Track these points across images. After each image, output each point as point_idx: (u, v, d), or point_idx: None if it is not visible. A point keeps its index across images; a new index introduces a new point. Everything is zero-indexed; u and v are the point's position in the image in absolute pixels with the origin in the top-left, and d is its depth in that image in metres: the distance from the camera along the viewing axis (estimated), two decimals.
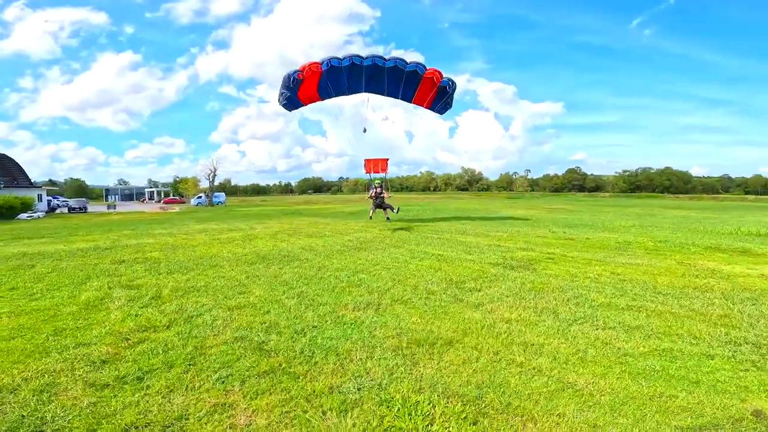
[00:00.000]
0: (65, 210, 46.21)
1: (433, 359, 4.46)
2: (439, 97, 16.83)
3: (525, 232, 16.11)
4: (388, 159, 17.30)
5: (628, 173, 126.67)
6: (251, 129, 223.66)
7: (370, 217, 17.41)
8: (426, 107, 17.47)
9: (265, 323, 5.84)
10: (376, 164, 16.81)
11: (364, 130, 15.74)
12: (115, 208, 44.61)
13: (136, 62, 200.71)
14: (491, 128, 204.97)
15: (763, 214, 30.39)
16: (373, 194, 15.98)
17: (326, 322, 5.87)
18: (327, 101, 17.05)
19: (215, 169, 67.72)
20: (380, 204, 15.99)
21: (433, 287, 7.79)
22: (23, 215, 34.25)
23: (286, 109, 17.46)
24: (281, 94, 16.36)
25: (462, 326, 5.59)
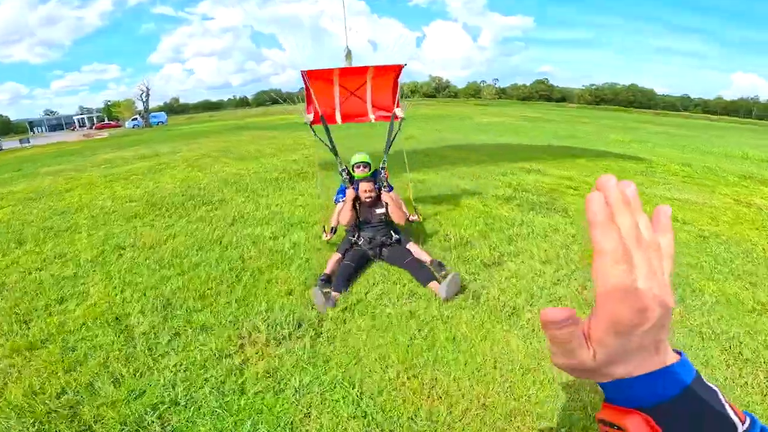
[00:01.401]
0: None
1: None
2: None
3: (521, 145, 12.84)
4: (399, 70, 4.99)
5: (594, 87, 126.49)
6: (196, 47, 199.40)
7: (327, 239, 4.98)
8: None
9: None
10: (355, 102, 5.38)
11: (347, 54, 5.05)
12: (29, 142, 38.08)
13: None
14: (459, 39, 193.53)
15: (740, 135, 27.94)
16: (350, 218, 4.52)
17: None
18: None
19: (147, 89, 63.06)
20: (381, 241, 4.53)
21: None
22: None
23: None
24: None
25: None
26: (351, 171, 5.05)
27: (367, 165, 5.16)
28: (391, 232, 4.57)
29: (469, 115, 29.14)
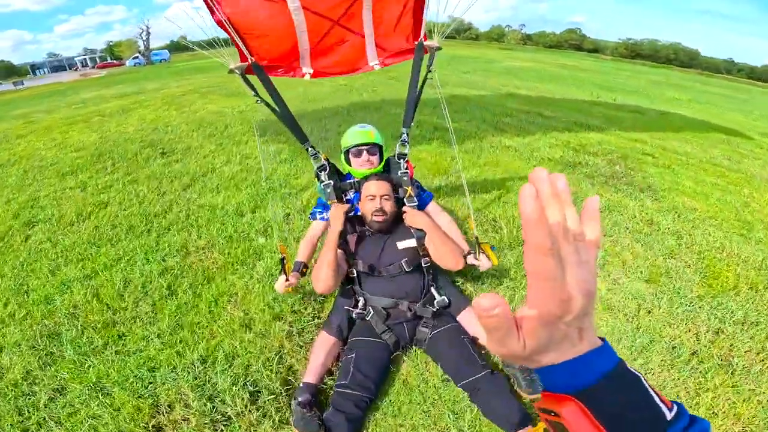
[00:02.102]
0: None
1: None
2: None
3: (569, 98, 10.61)
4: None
5: (632, 41, 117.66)
6: None
7: (287, 287, 2.47)
8: None
9: None
10: (338, 35, 2.75)
11: None
12: (23, 84, 36.42)
13: None
14: None
15: None
16: (333, 279, 2.19)
17: None
18: None
19: (147, 28, 62.60)
20: (413, 313, 2.26)
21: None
22: None
23: None
24: None
25: None
26: (342, 162, 2.63)
27: (375, 148, 2.52)
28: (432, 290, 2.31)
29: (495, 58, 25.93)
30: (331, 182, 2.40)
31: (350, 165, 2.55)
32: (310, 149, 2.41)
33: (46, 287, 2.91)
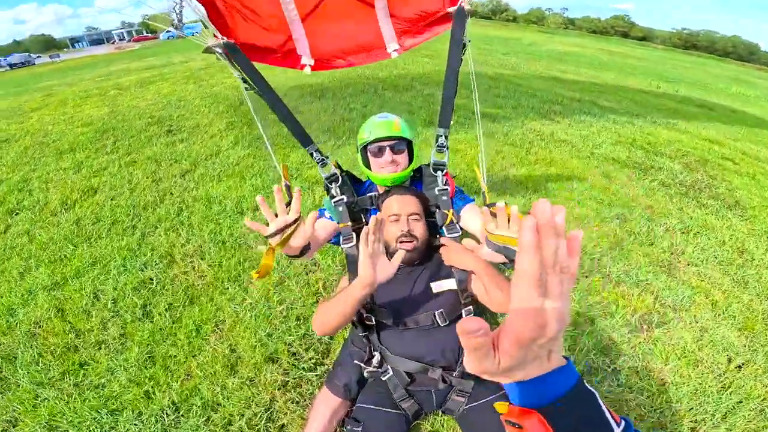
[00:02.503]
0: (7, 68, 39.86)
1: None
2: None
3: (624, 86, 9.46)
4: None
5: (687, 32, 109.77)
6: None
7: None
8: None
9: None
10: (341, 10, 1.96)
11: None
12: (59, 57, 37.65)
13: None
14: None
15: None
16: (337, 323, 1.48)
17: None
18: None
19: (180, 2, 64.09)
20: (443, 378, 1.58)
21: None
22: None
23: None
24: None
25: None
26: (360, 164, 1.82)
27: (402, 144, 1.75)
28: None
29: (536, 41, 24.21)
30: (344, 198, 1.67)
31: (369, 168, 1.77)
32: (315, 154, 1.69)
33: (11, 294, 2.50)
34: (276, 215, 1.25)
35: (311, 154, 1.71)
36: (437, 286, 1.63)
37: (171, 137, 4.74)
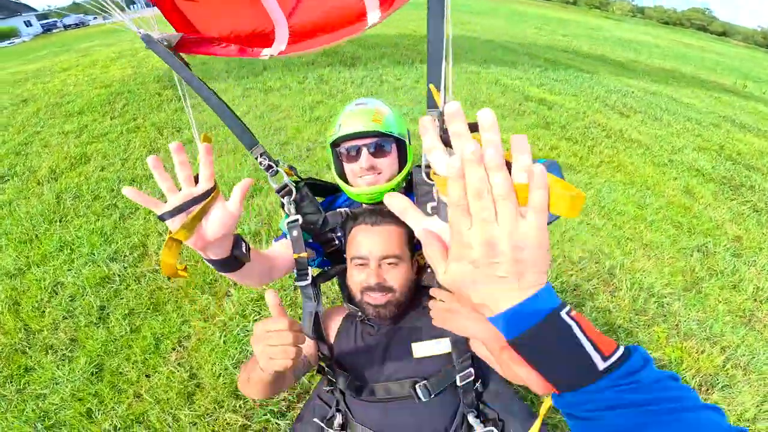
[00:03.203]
0: (62, 29, 41.83)
1: None
2: None
3: (705, 79, 8.21)
4: None
5: None
6: None
7: None
8: None
9: None
10: None
11: None
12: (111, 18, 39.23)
13: None
14: None
15: None
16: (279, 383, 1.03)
17: None
18: None
19: None
20: None
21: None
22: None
23: None
24: None
25: None
26: (335, 167, 1.19)
27: (386, 142, 1.13)
28: (470, 418, 1.13)
29: (602, 26, 22.13)
30: (298, 219, 1.08)
31: (343, 177, 1.19)
32: (260, 159, 1.07)
33: None
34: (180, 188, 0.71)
35: (256, 158, 1.09)
36: (420, 349, 1.14)
37: (181, 103, 4.36)
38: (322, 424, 1.19)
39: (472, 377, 1.16)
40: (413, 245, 1.17)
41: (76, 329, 1.92)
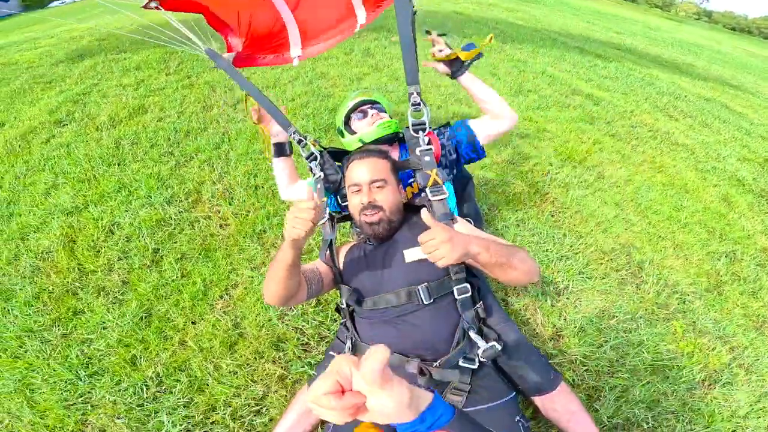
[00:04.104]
0: None
1: None
2: None
3: (760, 90, 7.79)
4: None
5: None
6: None
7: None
8: None
9: None
10: None
11: None
12: None
13: None
14: None
15: None
16: (289, 291, 1.30)
17: None
18: None
19: None
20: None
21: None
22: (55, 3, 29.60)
23: None
24: None
25: None
26: (342, 133, 1.83)
27: (383, 107, 1.79)
28: (472, 333, 1.29)
29: (660, 26, 20.99)
30: (321, 176, 1.57)
31: (347, 137, 1.80)
32: (293, 135, 1.61)
33: (30, 214, 2.40)
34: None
35: (290, 135, 1.63)
36: (410, 255, 1.37)
37: None
38: (335, 354, 1.35)
39: (469, 293, 1.34)
40: (398, 174, 1.51)
41: (130, 271, 2.03)
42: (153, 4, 1.59)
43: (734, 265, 2.40)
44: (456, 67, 1.60)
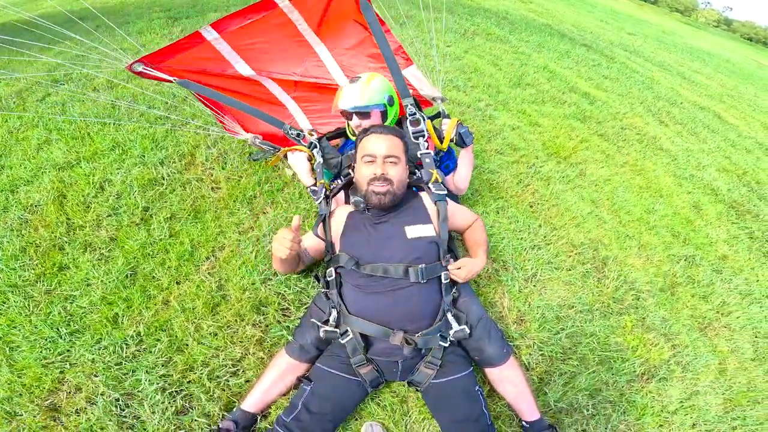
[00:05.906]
0: None
1: None
2: None
3: (756, 103, 7.85)
4: None
5: None
6: None
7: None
8: None
9: None
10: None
11: None
12: None
13: None
14: None
15: None
16: (292, 261, 1.64)
17: None
18: None
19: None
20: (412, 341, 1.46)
21: None
22: None
23: None
24: None
25: None
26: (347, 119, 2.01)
27: (374, 110, 1.93)
28: (449, 315, 1.53)
29: (675, 31, 20.73)
30: (322, 161, 1.92)
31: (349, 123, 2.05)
32: (290, 131, 1.96)
33: (21, 167, 2.42)
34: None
35: (287, 133, 1.91)
36: (411, 231, 1.57)
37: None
38: (319, 323, 1.54)
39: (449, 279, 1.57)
40: (408, 156, 1.69)
41: (118, 228, 2.07)
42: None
43: (691, 268, 2.55)
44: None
